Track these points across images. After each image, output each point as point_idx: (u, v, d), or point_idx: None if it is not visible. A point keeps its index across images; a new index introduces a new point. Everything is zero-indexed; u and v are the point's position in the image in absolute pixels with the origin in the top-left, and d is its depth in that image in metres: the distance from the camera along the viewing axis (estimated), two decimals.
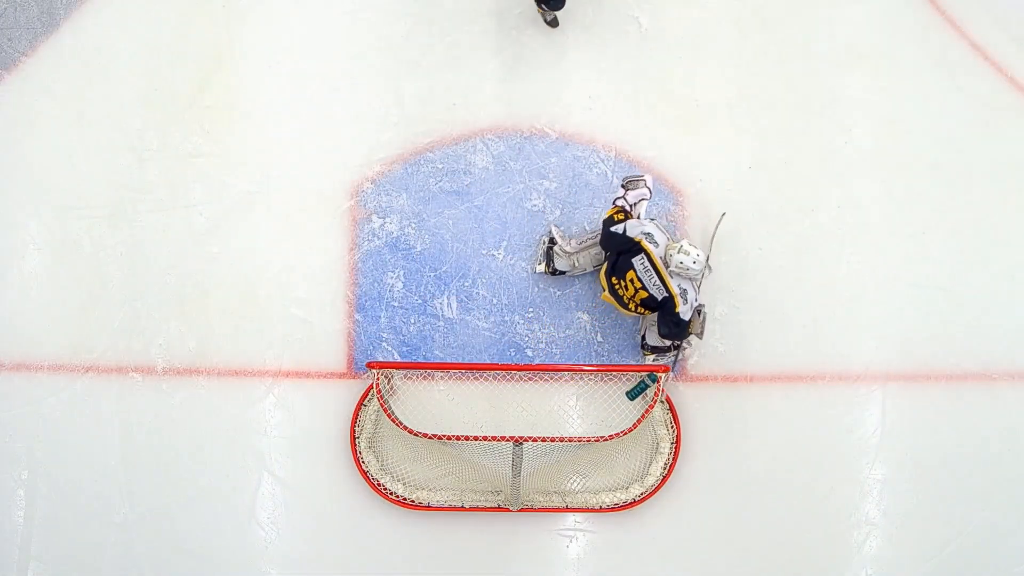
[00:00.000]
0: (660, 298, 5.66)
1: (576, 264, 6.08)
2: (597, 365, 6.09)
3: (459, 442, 5.65)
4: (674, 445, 6.01)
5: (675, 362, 6.06)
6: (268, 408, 6.12)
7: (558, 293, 6.22)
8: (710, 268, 6.01)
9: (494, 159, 6.36)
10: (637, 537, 6.04)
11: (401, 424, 5.64)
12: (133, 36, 6.41)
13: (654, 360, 6.05)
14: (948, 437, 6.11)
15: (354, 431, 5.97)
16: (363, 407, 5.98)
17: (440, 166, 6.35)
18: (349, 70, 6.43)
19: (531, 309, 6.21)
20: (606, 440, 5.68)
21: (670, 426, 6.01)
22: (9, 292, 6.21)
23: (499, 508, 5.92)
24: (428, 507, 5.93)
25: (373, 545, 5.97)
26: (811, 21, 6.48)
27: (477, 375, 5.97)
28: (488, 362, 6.10)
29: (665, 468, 6.00)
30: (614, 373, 6.04)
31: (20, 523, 5.97)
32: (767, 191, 6.32)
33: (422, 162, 6.35)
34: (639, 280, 5.67)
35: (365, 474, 5.94)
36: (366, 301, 6.20)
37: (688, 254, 5.64)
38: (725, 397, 6.15)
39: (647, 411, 5.79)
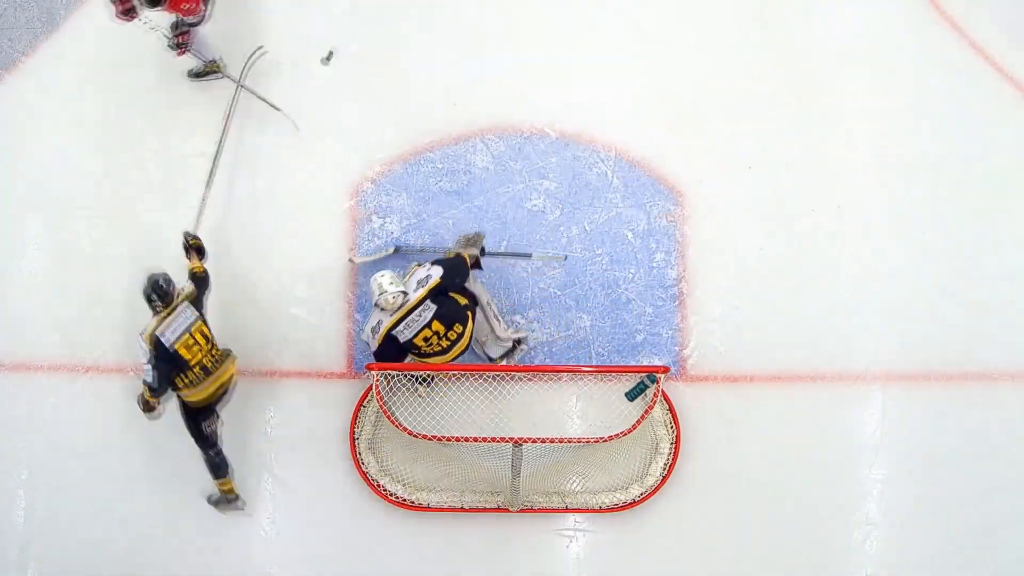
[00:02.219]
0: (433, 300, 5.65)
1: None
2: (596, 366, 6.09)
3: (459, 443, 5.64)
4: (674, 445, 6.00)
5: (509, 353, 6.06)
6: (268, 408, 6.12)
7: (558, 293, 6.22)
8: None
9: (494, 159, 6.36)
10: (637, 537, 6.03)
11: (401, 426, 5.63)
12: (133, 36, 6.39)
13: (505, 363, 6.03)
14: (948, 437, 6.10)
15: (354, 432, 5.96)
16: (363, 408, 5.97)
17: (440, 166, 6.35)
18: (349, 70, 6.43)
19: (531, 309, 6.21)
20: (606, 441, 5.67)
21: (670, 426, 6.01)
22: (9, 292, 6.21)
23: (499, 509, 5.92)
24: (428, 508, 5.93)
25: (373, 545, 5.96)
26: (811, 21, 6.48)
27: (477, 375, 5.96)
28: (488, 362, 6.10)
29: (665, 468, 6.00)
30: (613, 374, 6.04)
31: (20, 523, 5.97)
32: (767, 191, 6.32)
33: (422, 162, 6.35)
34: (427, 328, 5.67)
35: (365, 475, 5.94)
36: (366, 301, 6.18)
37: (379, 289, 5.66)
38: (725, 397, 6.14)
39: (647, 411, 5.78)
